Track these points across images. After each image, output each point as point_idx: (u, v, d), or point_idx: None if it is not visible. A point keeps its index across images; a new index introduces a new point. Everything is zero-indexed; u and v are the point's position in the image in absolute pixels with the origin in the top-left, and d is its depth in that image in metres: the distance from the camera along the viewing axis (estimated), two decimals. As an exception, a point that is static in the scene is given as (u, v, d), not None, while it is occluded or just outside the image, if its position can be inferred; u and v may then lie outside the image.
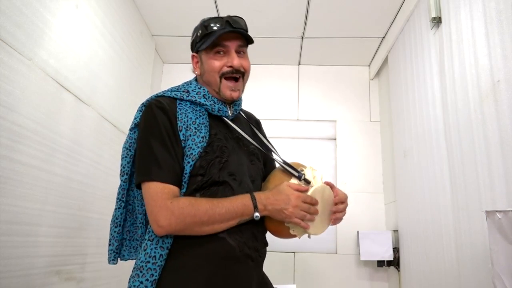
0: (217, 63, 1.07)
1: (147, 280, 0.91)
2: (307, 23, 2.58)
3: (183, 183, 0.98)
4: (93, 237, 1.87)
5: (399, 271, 2.43)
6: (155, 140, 0.98)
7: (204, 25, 1.08)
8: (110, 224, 1.08)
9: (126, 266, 1.14)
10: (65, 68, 1.64)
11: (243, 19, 1.12)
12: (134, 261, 1.10)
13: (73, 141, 1.70)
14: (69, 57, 1.67)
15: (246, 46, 1.12)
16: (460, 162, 1.60)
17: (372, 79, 3.08)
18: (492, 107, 1.38)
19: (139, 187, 1.00)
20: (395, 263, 2.46)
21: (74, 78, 1.72)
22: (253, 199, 0.97)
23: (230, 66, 1.06)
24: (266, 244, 1.12)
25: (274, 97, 3.07)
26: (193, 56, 1.15)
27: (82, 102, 1.79)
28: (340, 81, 3.10)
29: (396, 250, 2.46)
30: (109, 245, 1.07)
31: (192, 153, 0.99)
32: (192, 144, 1.00)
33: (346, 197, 1.13)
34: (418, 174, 2.09)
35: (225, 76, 1.07)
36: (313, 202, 1.00)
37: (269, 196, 0.99)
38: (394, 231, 2.52)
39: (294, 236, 1.06)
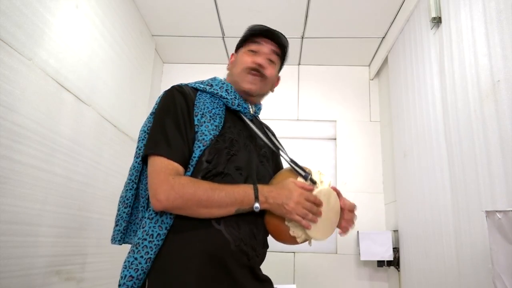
0: (247, 58, 1.14)
1: (141, 257, 0.92)
2: (307, 23, 2.58)
3: (190, 166, 0.98)
4: (93, 237, 1.87)
5: (399, 271, 2.43)
6: (169, 119, 1.00)
7: (250, 27, 1.18)
8: (119, 205, 1.08)
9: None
10: (65, 68, 1.64)
11: (286, 39, 1.19)
12: None
13: (73, 141, 1.70)
14: (69, 57, 1.67)
15: (279, 58, 1.19)
16: (460, 162, 1.60)
17: (372, 79, 3.08)
18: (492, 107, 1.38)
19: (145, 160, 1.01)
20: (395, 263, 2.46)
21: (74, 78, 1.72)
22: (255, 189, 0.97)
23: (256, 63, 1.13)
24: (266, 245, 1.10)
25: (274, 97, 3.05)
26: (232, 55, 1.24)
27: (82, 102, 1.79)
28: (340, 81, 3.10)
29: (396, 250, 2.46)
30: (116, 225, 1.07)
31: (203, 139, 1.00)
32: (205, 130, 1.01)
33: (355, 206, 1.12)
34: (418, 174, 2.09)
35: (249, 70, 1.12)
36: (316, 202, 0.99)
37: (272, 190, 0.98)
38: (394, 231, 2.52)
39: (294, 239, 1.02)
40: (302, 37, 2.76)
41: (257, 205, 0.96)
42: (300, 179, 1.03)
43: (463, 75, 1.61)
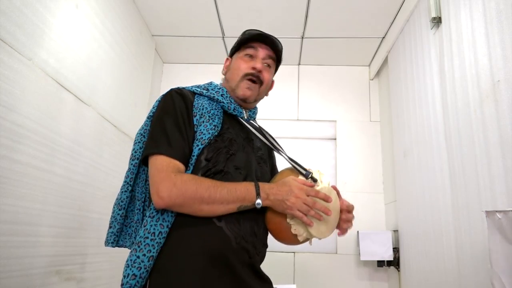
0: (243, 64, 1.15)
1: (144, 255, 0.92)
2: (307, 23, 2.58)
3: (189, 164, 0.98)
4: (93, 237, 1.87)
5: (399, 271, 2.43)
6: (169, 119, 1.01)
7: (244, 32, 1.19)
8: (114, 207, 1.08)
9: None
10: (65, 68, 1.64)
11: (281, 43, 1.20)
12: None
13: (73, 141, 1.70)
14: (69, 57, 1.67)
15: (274, 62, 1.20)
16: (460, 162, 1.60)
17: (372, 79, 3.08)
18: (492, 107, 1.38)
19: (145, 162, 1.01)
20: (395, 263, 2.46)
21: (74, 78, 1.72)
22: (257, 186, 0.98)
23: (253, 68, 1.13)
24: (265, 244, 1.11)
25: (274, 97, 3.05)
26: (226, 59, 1.24)
27: (82, 102, 1.79)
28: (340, 81, 3.10)
29: (396, 250, 2.46)
30: (110, 227, 1.07)
31: (202, 138, 1.01)
32: (204, 129, 1.02)
33: (353, 207, 1.12)
34: (418, 174, 2.09)
35: (247, 77, 1.13)
36: (319, 196, 0.98)
37: (273, 187, 0.99)
38: (394, 231, 2.52)
39: (295, 237, 1.01)
40: (302, 37, 2.75)
41: (259, 201, 0.96)
42: (301, 177, 1.03)
43: (463, 75, 1.60)
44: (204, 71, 3.11)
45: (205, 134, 1.02)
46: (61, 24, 1.60)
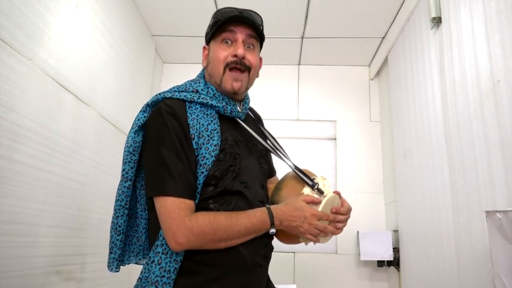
0: (222, 53, 1.03)
1: None
2: (307, 23, 2.57)
3: (196, 193, 0.94)
4: (93, 237, 1.87)
5: (399, 271, 2.43)
6: (167, 150, 0.92)
7: (216, 13, 1.07)
8: (111, 232, 1.03)
9: (126, 267, 1.14)
10: (65, 68, 1.64)
11: (259, 15, 1.09)
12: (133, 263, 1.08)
13: (73, 141, 1.70)
14: (69, 57, 1.67)
15: (257, 41, 1.09)
16: (460, 162, 1.60)
17: (372, 79, 3.08)
18: (492, 107, 1.38)
19: (150, 198, 0.97)
20: (395, 263, 2.46)
21: (74, 78, 1.72)
22: (271, 215, 0.97)
23: (235, 56, 1.02)
24: (273, 248, 1.11)
25: (274, 97, 3.07)
26: (204, 48, 1.12)
27: (82, 102, 1.79)
28: (340, 81, 3.10)
29: (396, 250, 2.46)
30: (111, 253, 1.03)
31: (205, 163, 0.95)
32: (205, 153, 0.95)
33: (350, 209, 1.11)
34: (418, 174, 2.09)
35: (229, 67, 1.02)
36: (328, 219, 1.02)
37: (286, 212, 0.99)
38: (394, 231, 2.52)
39: (297, 239, 1.05)
40: (302, 37, 2.75)
41: (273, 230, 0.99)
42: (307, 189, 1.04)
43: (463, 75, 1.60)
44: (204, 71, 3.11)
45: (208, 159, 0.95)
46: (61, 24, 1.60)
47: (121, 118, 2.22)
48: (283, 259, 2.75)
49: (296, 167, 1.07)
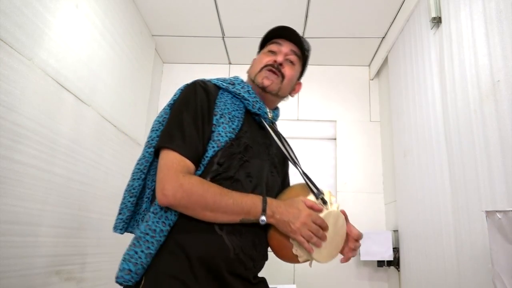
0: (265, 58, 1.13)
1: (142, 251, 0.90)
2: (307, 23, 2.58)
3: (201, 165, 0.96)
4: (93, 237, 1.87)
5: (399, 271, 2.43)
6: (188, 114, 0.98)
7: (269, 30, 1.17)
8: (124, 193, 1.04)
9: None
10: (65, 68, 1.64)
11: (307, 42, 1.18)
12: None
13: (73, 141, 1.70)
14: (69, 57, 1.67)
15: (299, 60, 1.18)
16: (460, 162, 1.60)
17: (372, 79, 3.08)
18: (492, 107, 1.38)
19: (157, 152, 0.99)
20: (395, 263, 2.46)
21: (74, 78, 1.72)
22: (264, 202, 0.95)
23: (274, 61, 1.12)
24: (265, 257, 1.08)
25: (274, 97, 3.06)
26: (253, 60, 1.21)
27: (82, 102, 1.79)
28: (340, 81, 3.10)
29: (396, 250, 2.46)
30: (120, 214, 1.04)
31: (219, 139, 0.98)
32: (222, 131, 1.00)
33: (361, 236, 1.08)
34: (418, 174, 2.09)
35: (266, 68, 1.11)
36: (323, 226, 0.95)
37: (281, 205, 0.96)
38: (394, 231, 2.52)
39: (295, 257, 0.99)
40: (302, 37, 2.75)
41: (263, 218, 0.93)
42: (311, 197, 1.01)
43: (463, 75, 1.61)
44: (204, 71, 3.11)
45: (222, 137, 0.99)
46: (61, 24, 1.60)
47: (121, 118, 2.22)
48: (283, 259, 2.75)
49: (307, 176, 1.05)
